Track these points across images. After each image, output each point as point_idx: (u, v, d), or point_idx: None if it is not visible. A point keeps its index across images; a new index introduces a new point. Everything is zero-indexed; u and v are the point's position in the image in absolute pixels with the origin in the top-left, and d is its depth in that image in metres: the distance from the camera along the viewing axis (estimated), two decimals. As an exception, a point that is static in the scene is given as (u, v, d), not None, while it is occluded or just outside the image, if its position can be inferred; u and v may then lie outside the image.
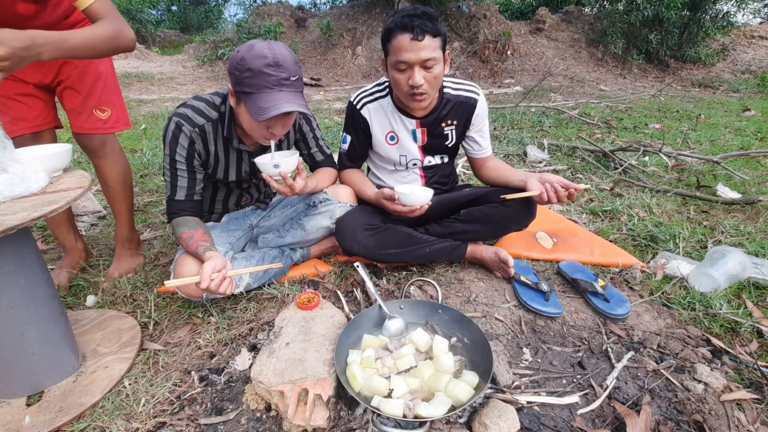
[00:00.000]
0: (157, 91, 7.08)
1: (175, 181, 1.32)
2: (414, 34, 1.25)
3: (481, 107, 1.57)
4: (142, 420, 1.02)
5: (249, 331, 1.33)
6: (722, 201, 2.25)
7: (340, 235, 1.52)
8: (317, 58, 9.16)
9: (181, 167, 1.31)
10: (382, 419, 0.94)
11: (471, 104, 1.55)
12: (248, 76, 1.13)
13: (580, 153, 3.25)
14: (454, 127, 1.58)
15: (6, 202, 0.97)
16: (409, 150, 1.60)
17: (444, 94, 1.53)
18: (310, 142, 1.60)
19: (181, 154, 1.29)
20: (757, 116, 5.08)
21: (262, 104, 1.14)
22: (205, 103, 1.31)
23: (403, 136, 1.57)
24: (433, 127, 1.56)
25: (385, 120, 1.56)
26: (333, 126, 4.41)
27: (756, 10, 11.63)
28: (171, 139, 1.27)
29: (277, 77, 1.14)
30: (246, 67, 1.13)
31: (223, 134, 1.35)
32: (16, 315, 1.02)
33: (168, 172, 1.32)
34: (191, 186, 1.34)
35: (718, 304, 1.38)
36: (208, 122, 1.31)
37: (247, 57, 1.13)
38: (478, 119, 1.58)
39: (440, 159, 1.67)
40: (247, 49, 1.14)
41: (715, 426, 0.95)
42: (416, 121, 1.54)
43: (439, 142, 1.60)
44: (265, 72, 1.13)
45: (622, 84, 8.39)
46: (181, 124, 1.26)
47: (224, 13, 15.64)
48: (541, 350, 1.23)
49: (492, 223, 1.56)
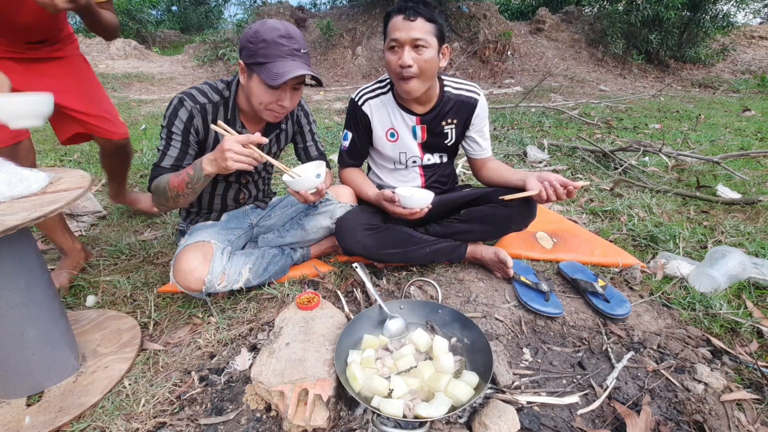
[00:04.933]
0: (157, 91, 7.08)
1: (166, 150, 1.33)
2: (407, 15, 1.32)
3: (482, 108, 1.57)
4: (142, 420, 1.02)
5: (249, 331, 1.33)
6: (722, 201, 2.25)
7: (340, 235, 1.52)
8: (317, 59, 9.16)
9: (176, 138, 1.32)
10: (382, 419, 0.94)
11: (471, 104, 1.55)
12: (263, 47, 1.20)
13: (580, 153, 3.25)
14: (454, 126, 1.58)
15: (6, 202, 0.97)
16: (408, 147, 1.60)
17: (445, 92, 1.53)
18: (306, 135, 1.62)
19: (178, 126, 1.31)
20: (757, 116, 5.08)
21: (277, 70, 1.20)
22: (209, 87, 1.36)
23: (403, 132, 1.58)
24: (434, 125, 1.56)
25: (386, 116, 1.57)
26: (333, 126, 4.41)
27: (756, 10, 11.62)
28: (171, 111, 1.31)
29: (289, 47, 1.22)
30: (261, 39, 1.20)
31: (226, 117, 1.37)
32: (16, 315, 1.02)
33: (163, 140, 1.33)
34: (180, 158, 1.34)
35: (718, 304, 1.38)
36: (209, 103, 1.34)
37: (261, 30, 1.21)
38: (477, 119, 1.58)
39: (439, 158, 1.67)
40: (260, 23, 1.22)
41: (715, 426, 0.95)
42: (416, 118, 1.55)
43: (438, 141, 1.60)
44: (278, 42, 1.20)
45: (622, 84, 8.39)
46: (183, 99, 1.30)
47: (224, 13, 15.63)
48: (541, 350, 1.23)
49: (492, 223, 1.56)
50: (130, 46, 9.30)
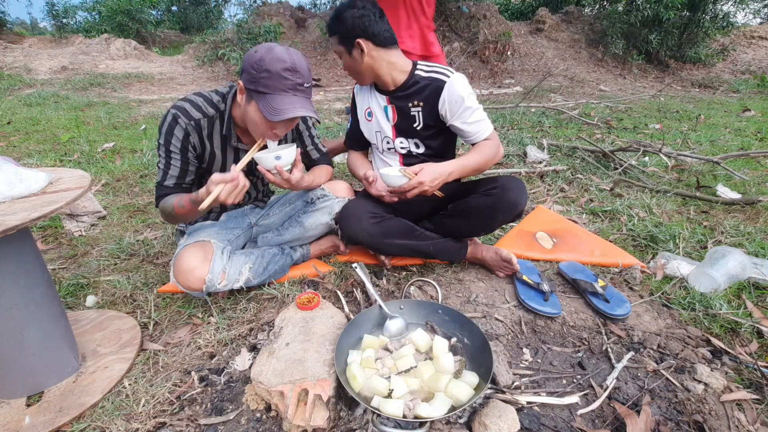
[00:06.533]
0: (157, 91, 7.08)
1: (167, 168, 1.33)
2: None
3: (450, 90, 1.44)
4: (142, 420, 1.02)
5: (249, 331, 1.33)
6: (722, 201, 2.25)
7: (345, 222, 1.51)
8: (317, 58, 9.15)
9: (174, 156, 1.32)
10: (382, 419, 0.94)
11: (437, 86, 1.45)
12: (265, 77, 1.17)
13: (580, 153, 3.25)
14: (420, 109, 1.52)
15: (6, 202, 0.97)
16: (382, 127, 1.61)
17: (414, 74, 1.51)
18: (306, 140, 1.62)
19: (176, 144, 1.30)
20: (757, 116, 5.08)
21: (277, 105, 1.18)
22: (203, 99, 1.34)
23: (377, 112, 1.60)
24: (401, 106, 1.54)
25: (366, 96, 1.64)
26: (333, 126, 4.41)
27: (756, 10, 11.62)
28: (167, 129, 1.29)
29: (293, 81, 1.19)
30: (264, 68, 1.16)
31: (222, 132, 1.36)
32: (16, 315, 1.02)
33: (162, 158, 1.33)
34: (181, 175, 1.35)
35: (718, 304, 1.38)
36: (204, 118, 1.32)
37: (266, 58, 1.16)
38: (450, 105, 1.45)
39: (415, 146, 1.60)
40: (266, 50, 1.17)
41: (715, 426, 0.95)
42: (386, 98, 1.56)
43: (407, 124, 1.56)
44: (282, 75, 1.17)
45: (622, 84, 8.38)
46: (177, 116, 1.28)
47: (224, 13, 15.62)
48: (541, 350, 1.23)
49: (477, 214, 1.50)
50: (130, 46, 9.30)
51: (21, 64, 7.74)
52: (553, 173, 2.83)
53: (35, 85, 6.77)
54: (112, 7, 11.02)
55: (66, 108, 5.21)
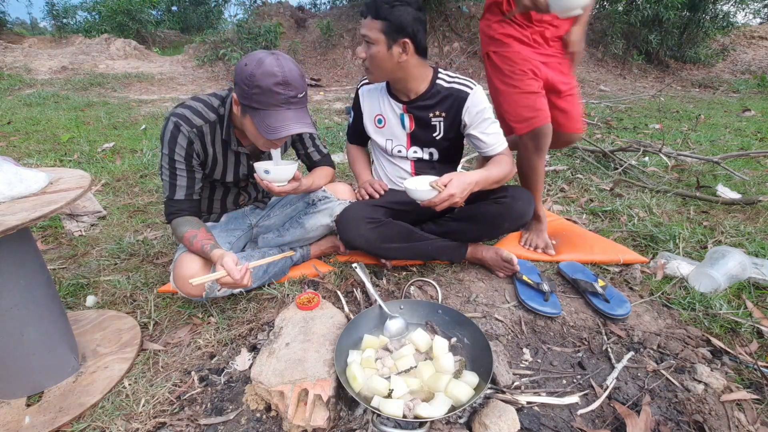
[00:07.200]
0: (157, 91, 7.09)
1: (174, 180, 1.32)
2: (362, 13, 1.41)
3: (473, 102, 1.47)
4: (142, 420, 1.02)
5: (249, 331, 1.33)
6: (722, 201, 2.25)
7: (343, 227, 1.51)
8: (317, 59, 9.16)
9: (180, 167, 1.31)
10: (382, 419, 0.94)
11: (461, 97, 1.48)
12: (257, 93, 1.14)
13: (580, 153, 3.25)
14: (441, 119, 1.53)
15: (6, 202, 0.97)
16: (395, 135, 1.60)
17: (435, 84, 1.51)
18: (306, 142, 1.62)
19: (180, 153, 1.29)
20: (757, 116, 5.08)
21: (271, 123, 1.16)
22: (203, 104, 1.32)
23: (391, 119, 1.59)
24: (420, 115, 1.54)
25: (376, 102, 1.62)
26: (333, 126, 4.41)
27: (756, 10, 11.61)
28: (170, 138, 1.27)
29: (285, 96, 1.16)
30: (255, 84, 1.13)
31: (222, 137, 1.35)
32: (16, 315, 1.02)
33: (167, 171, 1.32)
34: (190, 185, 1.34)
35: (718, 304, 1.38)
36: (205, 123, 1.31)
37: (256, 74, 1.12)
38: (471, 116, 1.49)
39: (429, 155, 1.62)
40: (256, 64, 1.13)
41: (715, 426, 0.95)
42: (403, 106, 1.55)
43: (426, 133, 1.57)
44: (274, 90, 1.14)
45: (622, 84, 8.38)
46: (179, 124, 1.26)
47: (224, 13, 15.63)
48: (541, 350, 1.23)
49: (484, 221, 1.52)
50: (130, 46, 9.31)
51: (21, 64, 7.75)
52: (553, 173, 2.83)
53: (35, 85, 6.77)
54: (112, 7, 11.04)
55: (66, 108, 5.21)
